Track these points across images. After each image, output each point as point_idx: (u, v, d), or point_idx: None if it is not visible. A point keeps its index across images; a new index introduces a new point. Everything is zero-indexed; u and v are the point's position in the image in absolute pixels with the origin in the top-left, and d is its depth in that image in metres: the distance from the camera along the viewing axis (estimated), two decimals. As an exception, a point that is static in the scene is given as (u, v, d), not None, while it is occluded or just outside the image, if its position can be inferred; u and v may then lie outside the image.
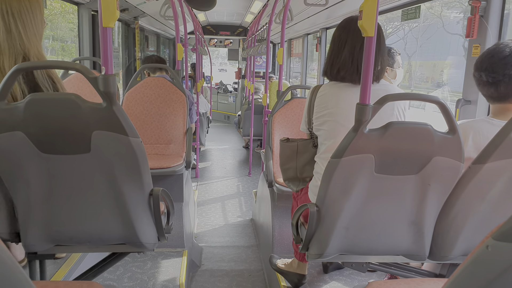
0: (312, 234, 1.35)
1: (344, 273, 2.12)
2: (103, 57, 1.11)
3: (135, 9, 4.33)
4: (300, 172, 1.72)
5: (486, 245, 0.49)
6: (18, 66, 1.10)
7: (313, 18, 4.49)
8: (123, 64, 5.11)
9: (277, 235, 2.46)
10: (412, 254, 1.36)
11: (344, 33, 1.51)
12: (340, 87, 1.52)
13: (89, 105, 1.12)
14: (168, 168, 2.50)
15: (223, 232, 3.30)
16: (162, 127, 2.84)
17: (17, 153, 1.15)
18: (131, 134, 1.17)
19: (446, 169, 1.22)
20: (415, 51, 4.79)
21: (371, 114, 1.14)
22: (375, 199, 1.27)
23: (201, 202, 4.04)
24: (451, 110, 1.20)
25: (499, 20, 1.88)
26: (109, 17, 1.07)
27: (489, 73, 1.31)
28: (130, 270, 2.19)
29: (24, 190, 1.20)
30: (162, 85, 2.89)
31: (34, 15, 1.34)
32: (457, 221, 1.28)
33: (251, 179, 4.85)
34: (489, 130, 1.32)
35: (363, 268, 1.47)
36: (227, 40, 9.35)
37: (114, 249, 1.44)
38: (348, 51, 1.48)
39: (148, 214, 1.33)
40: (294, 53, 7.00)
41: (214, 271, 2.61)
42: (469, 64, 2.00)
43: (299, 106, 2.80)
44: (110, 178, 1.21)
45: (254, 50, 5.60)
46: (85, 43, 3.40)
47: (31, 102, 1.10)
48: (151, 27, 5.99)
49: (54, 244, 1.32)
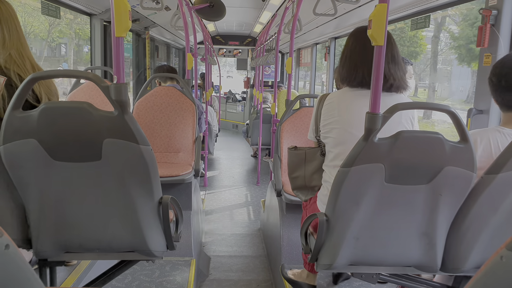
0: (322, 244, 1.34)
1: (354, 284, 2.09)
2: (115, 66, 1.13)
3: (146, 20, 4.40)
4: (308, 181, 1.71)
5: (500, 256, 0.48)
6: (34, 75, 1.13)
7: (322, 28, 4.51)
8: (134, 74, 5.18)
9: (285, 245, 2.44)
10: (423, 265, 1.34)
11: (356, 41, 1.52)
12: (349, 95, 1.52)
13: (101, 114, 1.14)
14: (177, 176, 2.51)
15: (231, 242, 3.28)
16: (172, 135, 2.86)
17: (30, 161, 1.17)
18: (141, 142, 1.18)
19: (458, 179, 1.20)
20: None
21: (381, 123, 1.14)
22: (385, 209, 1.25)
23: (209, 211, 4.03)
24: (462, 119, 1.19)
25: (510, 29, 1.87)
26: (122, 27, 1.10)
27: (509, 79, 1.29)
28: (138, 278, 2.18)
29: (36, 197, 1.22)
30: (172, 94, 2.92)
31: (15, 22, 1.44)
32: (470, 233, 1.26)
33: (260, 188, 4.84)
34: (499, 139, 1.30)
35: (373, 280, 1.45)
36: (236, 50, 9.42)
37: (123, 257, 1.44)
38: (359, 57, 1.49)
39: (157, 222, 1.33)
40: (303, 63, 7.03)
41: (222, 281, 2.59)
42: (480, 73, 1.98)
43: (307, 115, 2.80)
44: (120, 185, 1.22)
45: (263, 59, 5.63)
46: (96, 52, 3.46)
47: (45, 110, 1.13)
48: (161, 37, 6.07)
49: (64, 251, 1.33)
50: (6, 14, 1.42)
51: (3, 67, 1.37)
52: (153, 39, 5.68)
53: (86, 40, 4.48)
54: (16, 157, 1.16)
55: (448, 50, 6.68)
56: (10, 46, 1.40)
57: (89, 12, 3.29)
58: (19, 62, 1.41)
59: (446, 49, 6.76)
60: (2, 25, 1.40)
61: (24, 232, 1.28)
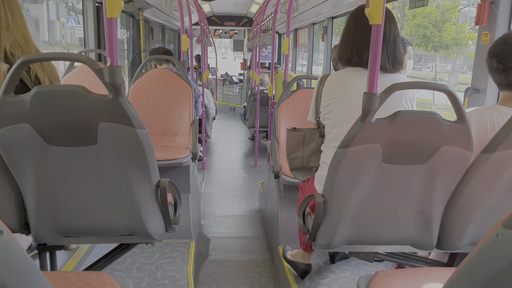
0: (319, 224, 1.35)
1: (351, 263, 2.12)
2: (109, 48, 1.11)
3: (140, 0, 4.31)
4: (306, 162, 1.71)
5: (496, 233, 0.48)
6: (24, 58, 1.10)
7: (319, 7, 4.43)
8: (128, 56, 5.11)
9: (283, 225, 2.47)
10: (419, 243, 1.36)
11: (356, 20, 1.50)
12: (349, 76, 1.51)
13: (95, 97, 1.12)
14: (175, 159, 2.50)
15: (230, 223, 3.32)
16: (168, 118, 2.84)
17: (24, 146, 1.16)
18: (137, 126, 1.17)
19: (455, 158, 1.20)
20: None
21: (379, 103, 1.13)
22: (382, 189, 1.26)
23: (208, 193, 4.05)
24: (460, 99, 1.18)
25: (510, 7, 1.84)
26: (114, 8, 1.07)
27: (500, 59, 1.29)
28: (138, 261, 2.21)
29: (32, 182, 1.22)
30: (167, 76, 2.89)
31: (17, 3, 1.38)
32: (466, 211, 1.27)
33: (258, 170, 4.86)
34: (495, 118, 1.30)
35: (370, 258, 1.47)
36: (232, 30, 9.28)
37: (122, 240, 1.45)
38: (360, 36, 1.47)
39: (155, 205, 1.34)
40: (300, 43, 6.94)
41: (221, 261, 2.62)
42: (478, 52, 1.96)
43: (305, 96, 2.78)
44: (117, 169, 1.22)
45: (260, 40, 5.56)
46: (90, 35, 3.39)
47: (38, 94, 1.11)
48: (156, 18, 5.96)
49: (63, 235, 1.34)
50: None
51: (8, 53, 1.31)
52: (147, 20, 5.57)
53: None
54: (10, 143, 1.15)
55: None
56: (14, 29, 1.34)
57: (80, -7, 3.21)
58: (24, 46, 1.35)
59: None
60: (5, 6, 1.33)
61: (22, 217, 1.29)
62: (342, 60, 1.55)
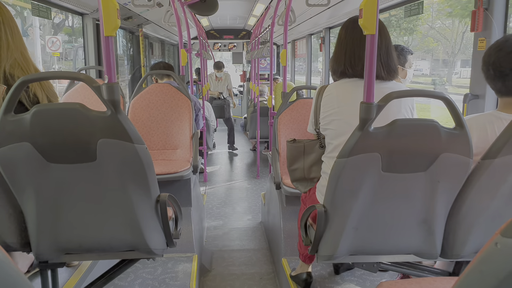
0: (321, 235, 1.34)
1: (356, 273, 2.10)
2: (106, 66, 1.12)
3: (139, 17, 4.36)
4: (307, 173, 1.71)
5: (495, 242, 0.47)
6: (24, 78, 1.12)
7: (316, 18, 4.48)
8: (129, 71, 5.15)
9: (286, 237, 2.45)
10: (423, 252, 1.34)
11: (347, 32, 1.51)
12: (348, 86, 1.51)
13: (94, 114, 1.13)
14: (176, 173, 2.50)
15: (233, 236, 3.29)
16: (169, 132, 2.85)
17: (25, 164, 1.16)
18: (136, 141, 1.17)
19: (455, 166, 1.20)
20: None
21: (376, 112, 1.13)
22: (383, 198, 1.25)
23: (210, 206, 4.04)
24: (457, 106, 1.18)
25: (504, 13, 1.86)
26: (110, 26, 1.08)
27: (497, 67, 1.29)
28: (140, 276, 2.19)
29: (33, 199, 1.21)
30: (167, 91, 2.91)
31: (15, 24, 1.40)
32: (468, 218, 1.26)
33: (259, 181, 4.85)
34: (495, 124, 1.30)
35: (374, 268, 1.45)
36: (231, 43, 9.36)
37: (123, 256, 1.44)
38: (352, 48, 1.48)
39: (155, 220, 1.33)
40: (298, 54, 6.99)
41: (224, 275, 2.60)
42: (475, 58, 1.97)
43: (304, 107, 2.78)
44: (117, 185, 1.22)
45: (258, 52, 5.60)
46: (90, 52, 3.43)
47: (37, 113, 1.12)
48: (155, 34, 6.03)
49: (64, 252, 1.33)
50: (8, 16, 1.37)
51: (8, 73, 1.32)
52: (147, 36, 5.63)
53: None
54: (10, 161, 1.15)
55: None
56: (14, 49, 1.36)
57: (80, 11, 3.26)
58: (24, 66, 1.37)
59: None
60: (5, 27, 1.35)
61: (23, 236, 1.28)
62: (336, 73, 1.55)
